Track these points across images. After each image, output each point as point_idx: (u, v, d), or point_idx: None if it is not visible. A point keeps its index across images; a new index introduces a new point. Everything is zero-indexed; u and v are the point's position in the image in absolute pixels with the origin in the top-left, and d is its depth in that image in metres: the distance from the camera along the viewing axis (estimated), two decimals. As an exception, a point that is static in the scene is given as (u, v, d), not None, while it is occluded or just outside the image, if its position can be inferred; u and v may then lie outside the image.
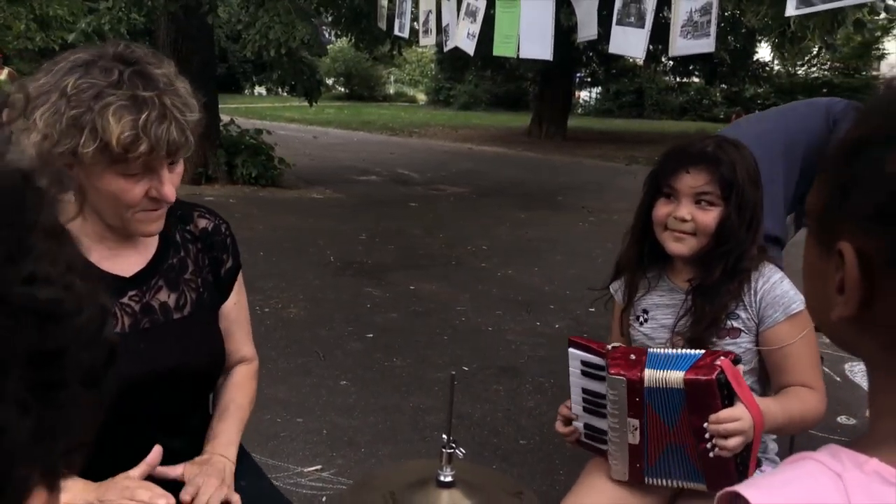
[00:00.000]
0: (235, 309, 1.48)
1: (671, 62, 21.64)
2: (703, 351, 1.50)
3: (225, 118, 10.19)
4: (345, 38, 11.51)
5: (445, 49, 4.02)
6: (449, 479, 1.14)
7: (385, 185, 10.60)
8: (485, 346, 4.23)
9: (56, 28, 10.02)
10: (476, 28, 3.51)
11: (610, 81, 27.04)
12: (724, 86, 25.65)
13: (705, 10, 2.44)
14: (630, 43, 2.69)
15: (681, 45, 2.52)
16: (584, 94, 31.50)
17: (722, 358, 1.43)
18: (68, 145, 1.14)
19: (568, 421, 1.65)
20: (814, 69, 26.03)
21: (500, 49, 3.24)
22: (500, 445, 3.11)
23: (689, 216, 1.55)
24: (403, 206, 8.85)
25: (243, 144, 9.83)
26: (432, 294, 5.22)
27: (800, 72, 26.43)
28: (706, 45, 2.45)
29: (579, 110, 28.22)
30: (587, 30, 3.05)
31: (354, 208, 8.60)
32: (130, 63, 1.18)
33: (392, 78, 38.19)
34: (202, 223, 1.44)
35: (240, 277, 1.50)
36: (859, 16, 2.93)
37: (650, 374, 1.47)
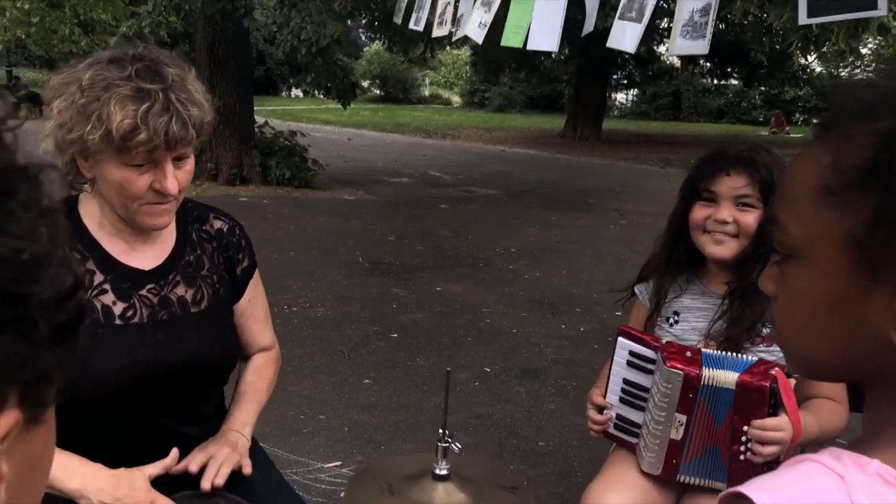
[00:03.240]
0: (250, 305, 1.53)
1: (708, 64, 21.33)
2: (757, 358, 1.50)
3: (260, 120, 10.35)
4: (378, 40, 11.61)
5: (455, 38, 4.00)
6: (444, 472, 1.16)
7: (416, 187, 10.66)
8: (508, 348, 4.23)
9: (100, 32, 10.32)
10: (489, 18, 3.48)
11: (647, 83, 26.76)
12: (763, 88, 25.22)
13: (705, 11, 2.41)
14: (626, 37, 2.66)
15: (679, 44, 2.49)
16: (620, 97, 31.23)
17: (777, 368, 1.44)
18: (78, 132, 1.21)
19: (600, 409, 1.65)
20: (857, 71, 25.42)
21: (509, 40, 3.21)
22: (519, 446, 3.12)
23: (731, 218, 1.55)
24: (433, 208, 8.89)
25: (277, 146, 9.97)
26: (458, 295, 5.24)
27: (843, 74, 25.84)
28: (701, 46, 2.42)
29: (615, 112, 27.98)
30: (589, 23, 3.03)
31: (385, 209, 8.67)
32: (144, 61, 1.24)
33: (427, 80, 38.35)
34: (217, 224, 1.50)
35: (256, 275, 1.54)
36: (884, 20, 2.86)
37: (708, 373, 1.48)
